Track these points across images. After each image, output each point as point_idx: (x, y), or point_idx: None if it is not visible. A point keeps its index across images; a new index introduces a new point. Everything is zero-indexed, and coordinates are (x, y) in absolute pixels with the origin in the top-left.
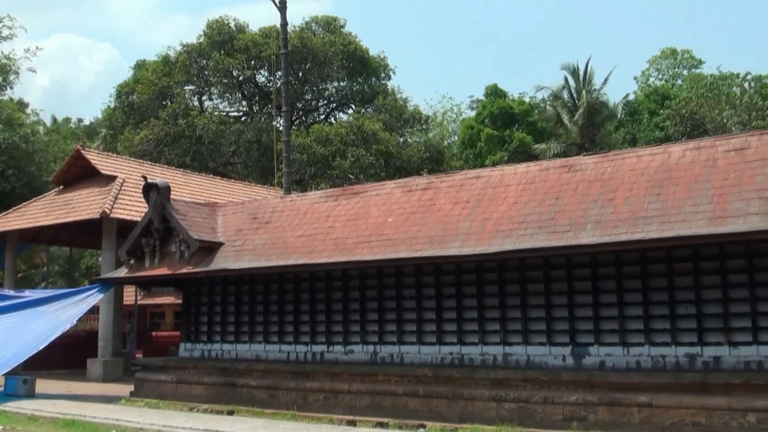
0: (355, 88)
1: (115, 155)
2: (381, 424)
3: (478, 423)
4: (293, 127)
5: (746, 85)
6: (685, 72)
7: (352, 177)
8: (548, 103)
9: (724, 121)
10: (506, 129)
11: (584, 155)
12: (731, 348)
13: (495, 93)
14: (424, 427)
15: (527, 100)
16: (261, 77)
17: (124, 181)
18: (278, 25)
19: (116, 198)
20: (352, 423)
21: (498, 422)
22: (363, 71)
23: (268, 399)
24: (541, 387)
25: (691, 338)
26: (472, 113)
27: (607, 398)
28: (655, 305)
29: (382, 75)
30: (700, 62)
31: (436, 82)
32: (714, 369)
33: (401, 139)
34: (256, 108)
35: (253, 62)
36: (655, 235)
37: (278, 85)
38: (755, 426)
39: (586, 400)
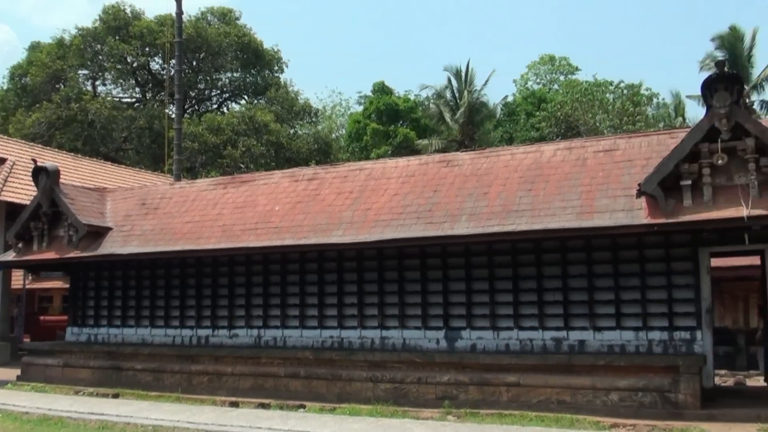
0: (248, 80)
1: (5, 137)
2: (263, 405)
3: (356, 403)
4: (185, 116)
5: (619, 92)
6: (561, 78)
7: (242, 166)
8: (432, 101)
9: (597, 124)
10: (391, 124)
11: (462, 151)
12: (595, 332)
13: (382, 90)
14: (303, 407)
15: (412, 97)
16: (155, 65)
17: (14, 163)
18: (174, 14)
19: (5, 181)
20: (235, 404)
21: (374, 402)
22: (256, 63)
23: (153, 382)
24: (415, 368)
25: (557, 323)
26: (360, 108)
27: (478, 378)
28: (525, 292)
29: (275, 68)
30: (577, 69)
31: (326, 77)
32: (579, 351)
33: (291, 131)
34: (149, 95)
35: (147, 49)
36: (525, 227)
37: (172, 73)
38: (617, 403)
39: (458, 381)
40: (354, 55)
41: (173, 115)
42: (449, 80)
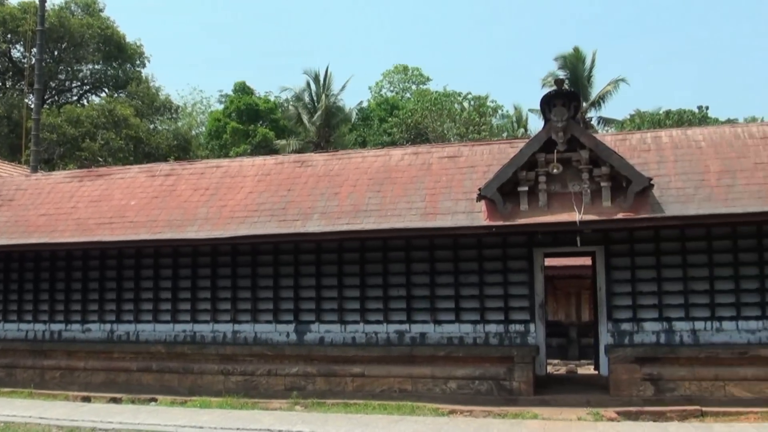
0: (109, 73)
1: None
2: (114, 400)
3: (207, 395)
4: (45, 106)
5: (466, 103)
6: (414, 87)
7: (100, 159)
8: (291, 103)
9: (445, 132)
10: (251, 124)
11: (316, 152)
12: (436, 326)
13: (243, 90)
14: (155, 400)
15: (272, 99)
16: (16, 52)
17: None
18: (37, 1)
19: None
20: (87, 399)
21: (225, 394)
22: (119, 56)
23: (6, 377)
24: (266, 361)
25: (401, 317)
26: (221, 107)
27: (325, 370)
28: (371, 288)
29: (137, 62)
30: (428, 79)
31: (188, 74)
32: (420, 343)
33: (151, 126)
34: (8, 83)
35: (9, 36)
36: (373, 226)
37: (33, 62)
38: (455, 391)
39: (306, 372)
40: (216, 54)
41: (32, 105)
42: (308, 84)
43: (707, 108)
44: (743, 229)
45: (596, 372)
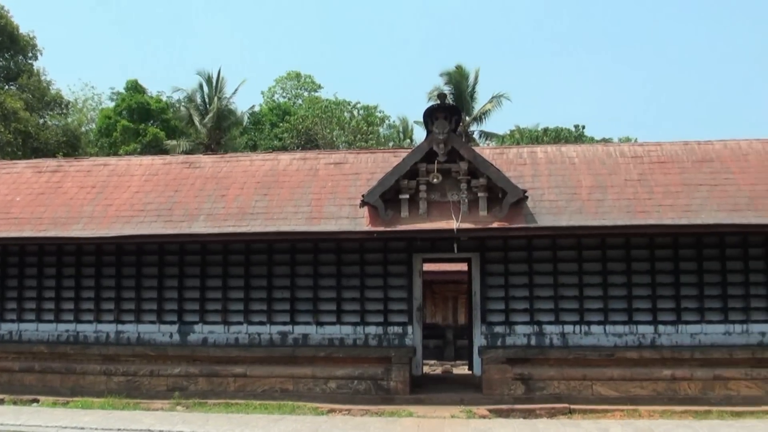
0: (0, 63)
1: None
2: None
3: (89, 396)
4: None
5: (355, 111)
6: (305, 93)
7: None
8: (182, 104)
9: (334, 139)
10: (142, 123)
11: (205, 154)
12: (318, 327)
13: (135, 88)
14: (37, 401)
15: (164, 98)
16: None
17: None
18: None
19: None
20: None
21: (107, 394)
22: (11, 47)
23: None
24: (149, 361)
25: (284, 318)
26: (112, 104)
27: (207, 370)
28: (255, 290)
29: (30, 54)
30: (320, 87)
31: (80, 70)
32: (302, 344)
33: (41, 121)
34: None
35: None
36: (259, 229)
37: None
38: (335, 391)
39: (189, 372)
40: (109, 50)
41: None
42: (201, 85)
43: (583, 127)
44: (612, 240)
45: (470, 372)
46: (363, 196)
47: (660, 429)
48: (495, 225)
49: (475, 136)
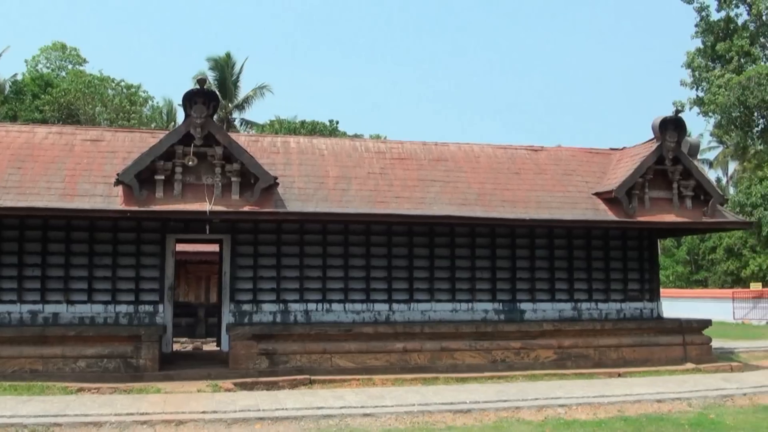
0: None
1: None
2: None
3: None
4: None
5: (119, 89)
6: (70, 66)
7: None
8: None
9: (96, 116)
10: None
11: None
12: (69, 306)
13: None
14: None
15: None
16: None
17: None
18: None
19: None
20: None
21: None
22: None
23: None
24: None
25: (35, 297)
26: None
27: None
28: (4, 267)
29: None
30: (85, 61)
31: None
32: (53, 323)
33: None
34: None
35: None
36: (10, 204)
37: None
38: (85, 369)
39: None
40: None
41: None
42: None
43: (337, 122)
44: (354, 227)
45: (219, 349)
46: (118, 174)
47: (391, 394)
48: (246, 209)
49: (237, 123)
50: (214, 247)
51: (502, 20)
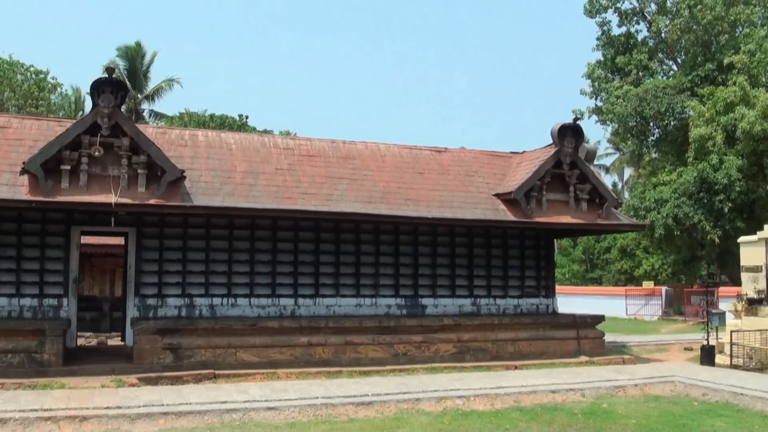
0: None
1: None
2: None
3: None
4: None
5: (28, 74)
6: None
7: None
8: None
9: (4, 101)
10: None
11: None
12: None
13: None
14: None
15: None
16: None
17: None
18: None
19: None
20: None
21: None
22: None
23: None
24: None
25: None
26: None
27: None
28: None
29: None
30: None
31: None
32: None
33: None
34: None
35: None
36: None
37: None
38: None
39: None
40: None
41: None
42: None
43: (247, 117)
44: (261, 222)
45: (124, 343)
46: (24, 163)
47: (295, 388)
48: (152, 202)
49: (146, 114)
50: (120, 240)
51: (415, 20)
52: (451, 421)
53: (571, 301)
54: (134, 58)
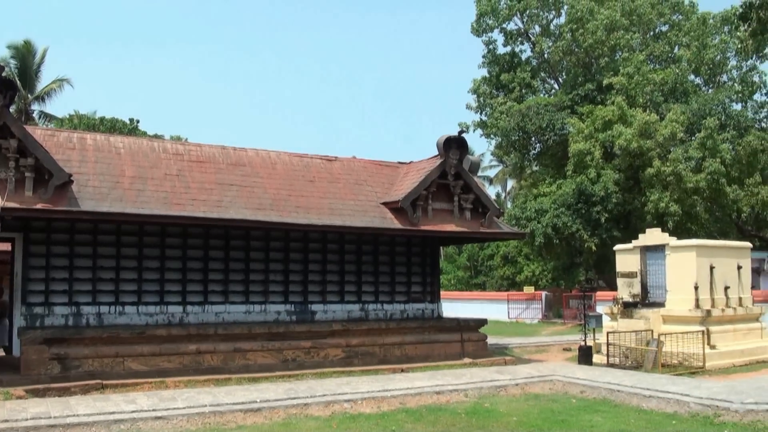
0: None
1: None
2: None
3: None
4: None
5: None
6: None
7: None
8: None
9: None
10: None
11: None
12: None
13: None
14: None
15: None
16: None
17: None
18: None
19: None
20: None
21: None
22: None
23: None
24: None
25: None
26: None
27: None
28: None
29: None
30: None
31: None
32: None
33: None
34: None
35: None
36: None
37: None
38: None
39: None
40: None
41: None
42: None
43: (138, 121)
44: (149, 228)
45: (11, 354)
46: None
47: (183, 396)
48: (39, 206)
49: (36, 115)
50: (7, 246)
51: (312, 31)
52: (338, 424)
53: (456, 306)
54: (25, 57)
